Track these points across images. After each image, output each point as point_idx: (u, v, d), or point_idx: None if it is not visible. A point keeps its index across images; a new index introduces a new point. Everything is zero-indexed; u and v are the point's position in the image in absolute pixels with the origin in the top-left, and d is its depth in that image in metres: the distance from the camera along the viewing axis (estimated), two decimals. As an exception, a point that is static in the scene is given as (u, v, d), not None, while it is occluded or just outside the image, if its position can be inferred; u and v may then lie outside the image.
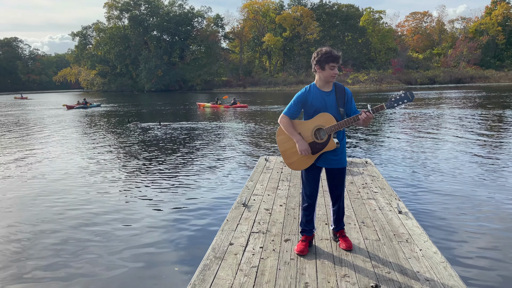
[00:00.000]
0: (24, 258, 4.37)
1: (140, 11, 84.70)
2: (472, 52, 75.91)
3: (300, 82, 70.43)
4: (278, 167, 6.77)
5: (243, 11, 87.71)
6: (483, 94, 36.37)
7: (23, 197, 6.75)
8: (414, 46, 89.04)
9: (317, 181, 3.48)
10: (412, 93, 3.04)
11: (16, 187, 7.43)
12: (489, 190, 6.51)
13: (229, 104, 28.49)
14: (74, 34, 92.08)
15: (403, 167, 8.39)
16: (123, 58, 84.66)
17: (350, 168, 6.54)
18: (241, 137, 13.79)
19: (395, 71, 74.44)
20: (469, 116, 18.41)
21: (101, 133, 15.83)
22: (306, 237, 3.52)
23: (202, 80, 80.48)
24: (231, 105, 28.20)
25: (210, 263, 3.25)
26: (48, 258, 4.35)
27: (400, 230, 3.88)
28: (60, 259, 4.33)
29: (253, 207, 4.64)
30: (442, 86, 61.22)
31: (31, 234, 5.05)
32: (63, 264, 4.20)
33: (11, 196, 6.82)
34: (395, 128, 15.16)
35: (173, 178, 7.87)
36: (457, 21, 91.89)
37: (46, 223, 5.46)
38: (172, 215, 5.67)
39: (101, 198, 6.58)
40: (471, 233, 4.78)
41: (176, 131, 15.56)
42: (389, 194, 5.08)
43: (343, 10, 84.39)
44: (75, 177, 8.15)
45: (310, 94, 3.35)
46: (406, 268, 3.12)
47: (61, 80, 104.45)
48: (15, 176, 8.34)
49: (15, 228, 5.29)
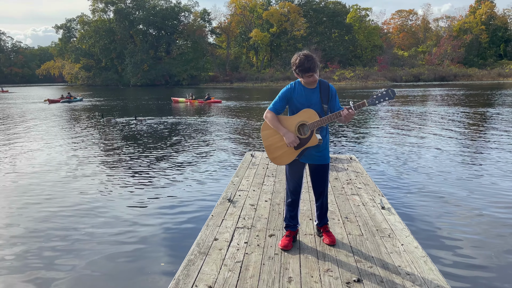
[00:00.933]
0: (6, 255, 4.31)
1: (126, 4, 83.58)
2: (456, 50, 77.11)
3: (287, 78, 70.59)
4: (264, 163, 6.79)
5: (230, 6, 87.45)
6: (466, 92, 37.03)
7: (9, 192, 6.64)
8: (399, 43, 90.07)
9: (300, 177, 3.52)
10: (393, 91, 3.08)
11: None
12: (470, 187, 6.65)
13: (203, 100, 28.91)
14: (58, 27, 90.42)
15: (387, 163, 8.51)
16: (108, 52, 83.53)
17: (334, 164, 6.61)
18: (227, 132, 13.78)
19: (380, 68, 75.18)
20: (452, 113, 18.73)
21: (80, 128, 15.62)
22: (290, 232, 3.55)
23: (188, 75, 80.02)
24: (205, 100, 28.61)
25: (195, 258, 3.26)
26: (26, 256, 4.30)
27: (383, 226, 3.94)
28: (41, 256, 4.28)
29: (238, 203, 4.65)
30: (426, 84, 62.12)
31: (9, 232, 4.97)
32: (45, 261, 4.16)
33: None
34: (380, 125, 15.34)
35: (157, 174, 7.83)
36: (442, 20, 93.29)
37: (24, 220, 5.38)
38: (156, 211, 5.65)
39: (83, 195, 6.50)
40: (451, 228, 4.89)
41: (158, 126, 15.45)
42: (373, 190, 5.15)
43: (330, 6, 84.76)
44: (53, 173, 8.03)
45: (295, 91, 3.38)
46: (387, 263, 3.18)
47: (44, 74, 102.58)
48: None
49: None
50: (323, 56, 75.82)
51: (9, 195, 6.50)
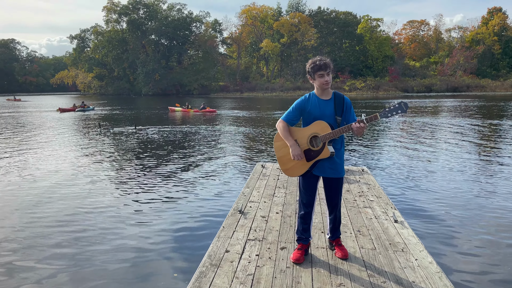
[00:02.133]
0: (14, 261, 4.34)
1: (138, 15, 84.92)
2: (468, 61, 76.54)
3: (297, 88, 70.70)
4: (275, 174, 6.77)
5: (241, 17, 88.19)
6: (480, 103, 36.63)
7: (7, 202, 6.71)
8: (411, 54, 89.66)
9: (314, 190, 3.50)
10: (406, 104, 3.05)
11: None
12: (486, 200, 6.54)
13: (199, 109, 29.79)
14: (72, 37, 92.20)
15: (400, 175, 8.42)
16: (120, 62, 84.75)
17: (346, 176, 6.56)
18: (238, 143, 13.80)
19: (392, 79, 74.88)
20: (465, 125, 18.52)
21: (86, 137, 15.78)
22: (302, 245, 3.53)
23: (199, 84, 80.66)
24: (201, 110, 29.50)
25: (206, 270, 3.24)
26: (36, 269, 4.33)
27: (396, 239, 3.89)
28: (53, 269, 4.30)
29: (250, 214, 4.64)
30: (438, 95, 61.60)
31: (19, 239, 5.02)
32: (57, 274, 4.18)
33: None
34: (392, 136, 15.23)
35: (168, 185, 7.86)
36: (454, 30, 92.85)
37: (33, 231, 5.43)
38: (168, 222, 5.66)
39: (94, 206, 6.54)
40: (467, 243, 4.80)
41: (166, 136, 15.54)
42: (385, 203, 5.10)
43: (341, 17, 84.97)
44: (64, 185, 8.10)
45: (309, 102, 3.39)
46: (401, 278, 3.13)
47: (58, 83, 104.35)
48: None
49: (1, 231, 5.26)
50: (334, 66, 73.63)
51: (13, 204, 6.58)
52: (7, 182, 8.02)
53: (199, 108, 30.01)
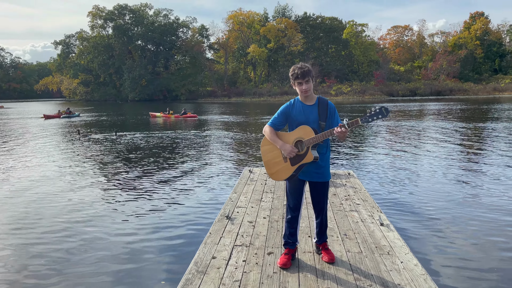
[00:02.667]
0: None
1: (124, 21, 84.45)
2: (451, 65, 77.96)
3: (285, 93, 71.02)
4: (262, 179, 6.77)
5: (228, 22, 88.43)
6: (462, 106, 37.28)
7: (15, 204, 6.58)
8: (395, 58, 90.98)
9: (300, 194, 3.51)
10: (387, 109, 3.08)
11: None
12: (471, 203, 6.64)
13: (180, 114, 30.03)
14: (57, 43, 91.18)
15: (385, 179, 8.50)
16: (106, 67, 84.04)
17: (333, 180, 6.60)
18: (225, 148, 13.78)
19: (377, 83, 75.80)
20: (449, 128, 18.82)
21: (71, 145, 15.60)
22: (289, 250, 3.53)
23: (186, 90, 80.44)
24: (181, 115, 29.73)
25: (192, 277, 3.22)
26: (21, 278, 4.25)
27: (382, 243, 3.92)
28: (36, 278, 4.22)
29: (237, 220, 4.63)
30: (423, 98, 62.54)
31: (6, 247, 4.92)
32: (41, 284, 4.10)
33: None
34: (378, 140, 15.38)
35: (154, 190, 7.79)
36: (437, 35, 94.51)
37: (16, 236, 5.33)
38: (154, 229, 5.61)
39: (78, 215, 6.45)
40: (451, 245, 4.86)
41: (151, 141, 15.44)
42: (371, 206, 5.14)
43: (327, 22, 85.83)
44: (45, 194, 7.98)
45: (294, 108, 3.43)
46: (387, 281, 3.15)
47: (43, 89, 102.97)
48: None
49: None
50: (320, 71, 76.46)
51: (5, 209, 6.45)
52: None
53: (180, 114, 30.24)
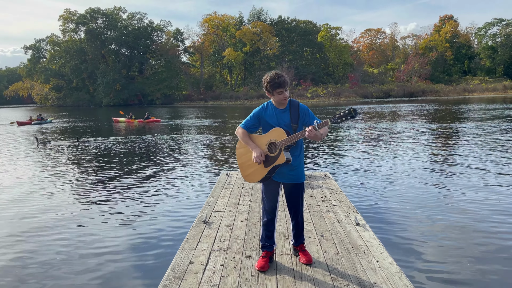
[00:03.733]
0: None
1: (97, 25, 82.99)
2: (423, 67, 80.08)
3: (261, 96, 71.26)
4: (240, 182, 6.77)
5: (203, 26, 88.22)
6: (434, 107, 38.32)
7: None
8: (369, 61, 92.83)
9: (276, 196, 3.52)
10: (355, 110, 3.14)
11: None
12: (444, 201, 6.82)
13: (143, 119, 29.97)
14: (27, 47, 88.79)
15: (361, 180, 8.64)
16: (79, 72, 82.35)
17: (309, 182, 6.66)
18: (202, 152, 13.70)
19: (352, 85, 77.07)
20: (422, 129, 19.30)
21: (47, 152, 15.21)
22: (267, 252, 3.54)
23: (162, 94, 79.65)
24: (145, 120, 29.67)
25: (170, 283, 3.18)
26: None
27: (358, 242, 3.98)
28: (9, 283, 4.08)
29: (214, 224, 4.61)
30: (396, 100, 63.94)
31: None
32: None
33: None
34: (353, 142, 15.62)
35: (129, 195, 7.67)
36: (409, 38, 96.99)
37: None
38: (130, 234, 5.51)
39: (47, 224, 6.28)
40: (425, 243, 4.98)
41: (122, 146, 15.21)
42: (347, 207, 5.21)
43: (301, 26, 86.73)
44: (21, 199, 7.76)
45: (266, 111, 3.46)
46: (363, 280, 3.20)
47: (13, 95, 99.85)
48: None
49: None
50: (296, 74, 77.15)
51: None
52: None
53: (143, 118, 30.13)
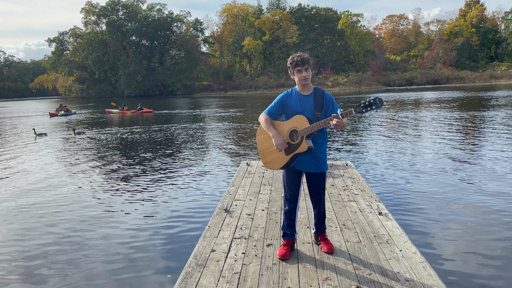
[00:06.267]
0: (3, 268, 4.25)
1: (118, 16, 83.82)
2: (447, 53, 77.83)
3: (281, 86, 70.88)
4: (260, 171, 6.77)
5: (222, 16, 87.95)
6: (459, 95, 37.30)
7: (2, 206, 6.57)
8: (391, 48, 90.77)
9: (297, 185, 3.51)
10: (381, 100, 3.08)
11: None
12: (467, 191, 6.66)
13: (136, 110, 30.38)
14: (51, 40, 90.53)
15: (383, 169, 8.51)
16: (101, 64, 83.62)
17: (330, 171, 6.60)
18: (222, 141, 13.76)
19: (373, 73, 75.67)
20: (447, 117, 18.84)
21: (69, 143, 15.55)
22: (288, 241, 3.53)
23: (182, 85, 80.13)
24: (138, 111, 30.07)
25: (192, 270, 3.22)
26: (25, 272, 4.24)
27: (381, 232, 3.93)
28: (40, 275, 4.22)
29: (235, 213, 4.63)
30: (419, 87, 62.51)
31: (11, 244, 4.91)
32: (44, 280, 4.10)
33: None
34: (375, 130, 15.39)
35: (152, 185, 7.78)
36: (433, 24, 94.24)
37: (21, 239, 5.32)
38: (153, 223, 5.61)
39: (79, 210, 6.45)
40: (449, 233, 4.88)
41: (146, 136, 15.40)
42: (369, 196, 5.14)
43: (322, 13, 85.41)
44: (50, 187, 7.98)
45: (290, 98, 3.44)
46: (386, 269, 3.16)
47: (38, 87, 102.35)
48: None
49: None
50: (316, 62, 76.23)
51: (5, 209, 6.44)
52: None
53: (136, 109, 30.58)
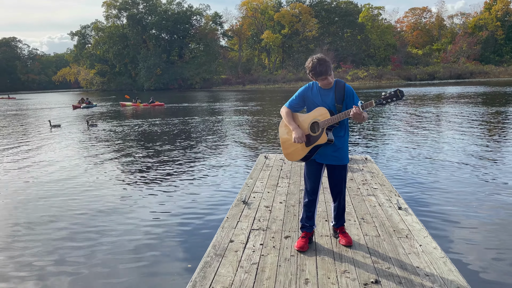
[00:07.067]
0: (25, 258, 4.38)
1: (138, 10, 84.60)
2: (471, 47, 75.81)
3: (300, 79, 70.45)
4: (278, 165, 6.77)
5: (242, 9, 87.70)
6: (484, 90, 36.36)
7: (19, 199, 6.77)
8: (413, 42, 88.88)
9: (318, 178, 3.50)
10: (402, 92, 3.05)
11: (11, 190, 7.44)
12: (489, 186, 6.52)
13: (148, 103, 31.23)
14: (73, 34, 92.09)
15: (403, 163, 8.40)
16: (122, 57, 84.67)
17: (350, 165, 6.55)
18: (241, 134, 13.80)
19: (394, 67, 74.40)
20: (469, 112, 18.42)
21: (90, 134, 15.84)
22: (306, 233, 3.54)
23: (201, 78, 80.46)
24: (149, 104, 30.93)
25: (211, 260, 3.26)
26: (47, 259, 4.37)
27: (400, 226, 3.89)
28: (62, 257, 4.34)
29: (253, 204, 4.65)
30: (442, 82, 61.20)
31: (31, 236, 5.06)
32: (65, 262, 4.22)
33: (6, 199, 6.84)
34: (395, 124, 15.17)
35: (171, 177, 7.88)
36: (456, 17, 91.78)
37: (42, 225, 5.48)
38: (172, 214, 5.69)
39: (98, 199, 6.58)
40: (471, 229, 4.79)
41: (165, 128, 15.56)
42: (389, 191, 5.09)
43: (342, 6, 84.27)
44: (67, 178, 8.16)
45: (311, 91, 3.45)
46: (406, 264, 3.13)
47: (61, 80, 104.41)
48: (9, 180, 8.36)
49: (15, 227, 5.31)
50: (336, 56, 75.41)
51: (33, 199, 6.63)
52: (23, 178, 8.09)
53: (148, 102, 31.41)
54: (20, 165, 9.54)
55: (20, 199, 6.62)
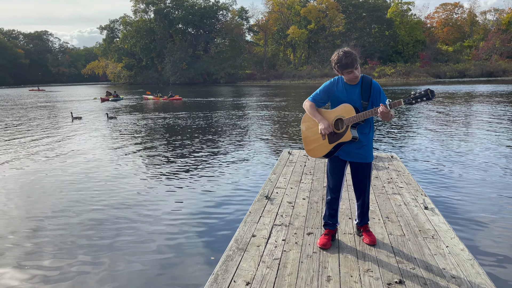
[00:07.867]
0: (43, 249, 4.52)
1: (165, 4, 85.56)
2: (505, 44, 73.05)
3: (325, 75, 69.67)
4: (301, 161, 6.73)
5: (268, 4, 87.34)
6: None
7: (44, 189, 6.98)
8: (443, 38, 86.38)
9: (341, 175, 3.45)
10: (433, 92, 2.93)
11: (35, 180, 7.68)
12: (520, 188, 6.29)
13: (167, 97, 32.15)
14: (102, 28, 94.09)
15: (430, 162, 8.20)
16: (148, 51, 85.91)
17: (375, 163, 6.44)
18: (264, 130, 13.79)
19: (423, 64, 72.59)
20: (500, 111, 17.80)
21: (118, 127, 16.14)
22: (329, 230, 3.50)
23: (226, 73, 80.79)
24: (169, 98, 31.82)
25: (233, 254, 3.28)
26: (70, 251, 4.49)
27: (426, 226, 3.80)
28: (86, 248, 4.46)
29: (276, 200, 4.64)
30: (472, 80, 59.31)
31: (53, 226, 5.22)
32: (90, 252, 4.33)
33: (30, 188, 7.06)
34: (423, 123, 14.82)
35: (195, 170, 7.96)
36: (490, 13, 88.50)
37: (67, 218, 5.63)
38: (195, 207, 5.74)
39: (123, 192, 6.71)
40: (500, 231, 4.64)
41: (188, 122, 15.69)
42: (415, 190, 4.98)
43: (370, 1, 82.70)
44: (92, 171, 8.35)
45: (337, 86, 3.37)
46: (431, 265, 3.06)
47: (90, 73, 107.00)
48: (33, 170, 8.62)
49: (35, 219, 5.47)
50: (363, 52, 74.14)
51: (56, 190, 6.83)
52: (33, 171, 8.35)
53: (167, 96, 32.28)
54: (43, 156, 9.83)
55: (41, 191, 6.83)
